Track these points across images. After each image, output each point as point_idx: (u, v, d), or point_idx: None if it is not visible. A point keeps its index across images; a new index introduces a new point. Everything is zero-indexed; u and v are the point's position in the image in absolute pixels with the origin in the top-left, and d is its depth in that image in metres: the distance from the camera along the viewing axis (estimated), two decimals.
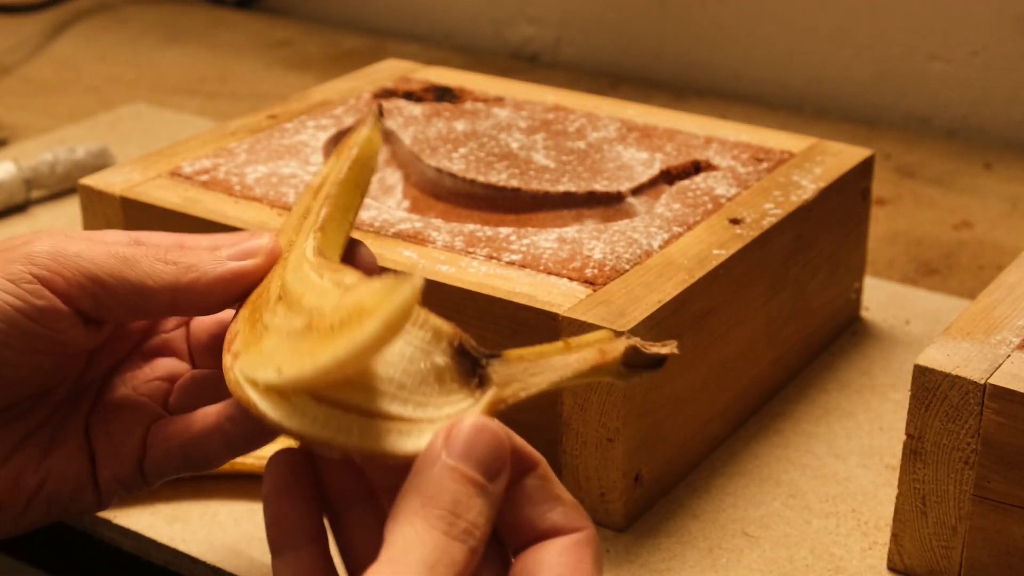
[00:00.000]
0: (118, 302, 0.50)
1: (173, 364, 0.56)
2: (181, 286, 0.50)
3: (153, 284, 0.50)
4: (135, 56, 1.40)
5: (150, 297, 0.50)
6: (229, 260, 0.51)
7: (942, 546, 0.62)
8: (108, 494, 0.54)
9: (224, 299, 0.51)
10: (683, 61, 1.32)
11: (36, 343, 0.49)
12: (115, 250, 0.51)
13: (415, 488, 0.42)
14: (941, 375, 0.60)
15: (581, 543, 0.44)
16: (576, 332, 0.64)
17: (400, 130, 0.86)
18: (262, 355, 0.46)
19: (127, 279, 0.50)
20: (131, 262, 0.50)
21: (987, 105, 1.19)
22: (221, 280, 0.51)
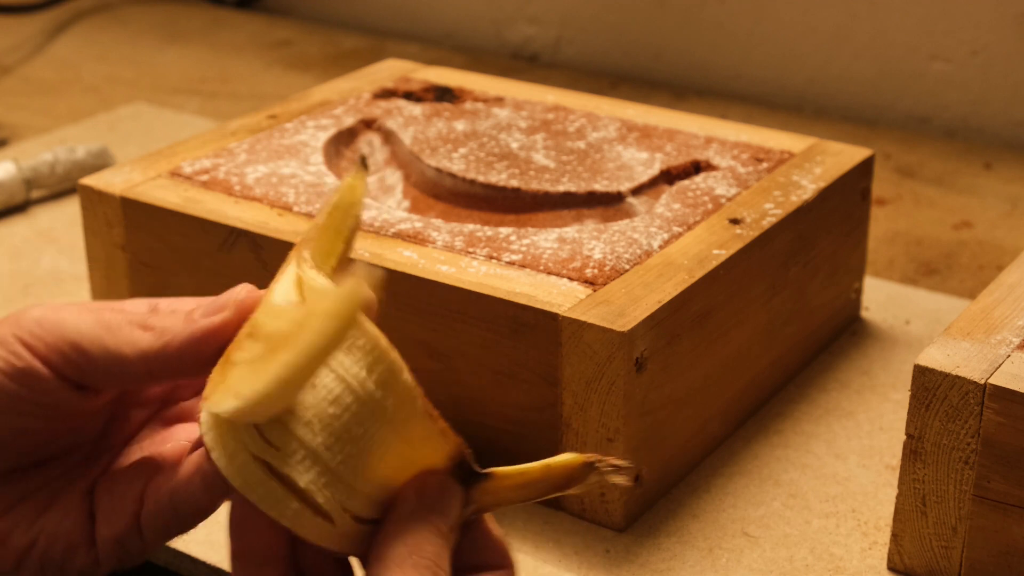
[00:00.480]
0: (97, 368, 0.50)
1: (192, 429, 0.56)
2: (154, 353, 0.50)
3: (128, 352, 0.50)
4: (135, 56, 1.40)
5: (127, 364, 0.50)
6: (201, 319, 0.51)
7: (942, 546, 0.62)
8: (106, 556, 0.53)
9: (198, 360, 0.51)
10: (683, 61, 1.32)
11: (20, 405, 0.50)
12: (101, 317, 0.51)
13: (397, 535, 0.45)
14: (941, 375, 0.60)
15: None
16: (576, 332, 0.64)
17: (400, 130, 0.86)
18: (226, 389, 0.46)
19: (106, 346, 0.50)
20: (112, 329, 0.50)
21: (987, 105, 1.19)
22: (191, 341, 0.50)
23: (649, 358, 0.65)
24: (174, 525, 0.52)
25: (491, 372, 0.68)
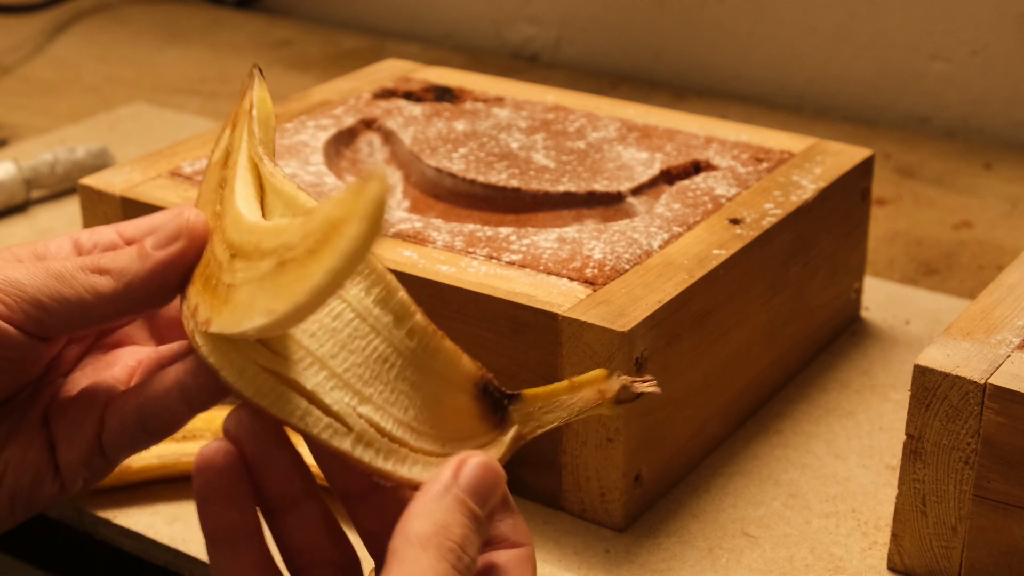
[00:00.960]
0: (62, 320, 0.51)
1: (135, 351, 0.56)
2: (117, 295, 0.50)
3: (91, 299, 0.50)
4: (135, 56, 1.40)
5: (91, 310, 0.51)
6: (155, 251, 0.51)
7: (942, 546, 0.62)
8: (71, 479, 0.53)
9: (163, 293, 0.51)
10: (683, 61, 1.32)
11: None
12: (51, 268, 0.51)
13: (427, 513, 0.44)
14: (941, 375, 0.60)
15: (529, 558, 0.47)
16: (576, 332, 0.64)
17: (400, 130, 0.86)
18: (239, 309, 0.46)
19: (65, 298, 0.50)
20: (67, 279, 0.50)
21: (987, 105, 1.19)
22: (152, 276, 0.50)
23: (649, 358, 0.65)
24: (141, 440, 0.52)
25: (491, 372, 0.68)
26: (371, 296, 0.47)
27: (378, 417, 0.46)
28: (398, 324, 0.47)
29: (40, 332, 0.51)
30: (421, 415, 0.47)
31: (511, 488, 0.70)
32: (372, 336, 0.47)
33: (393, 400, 0.47)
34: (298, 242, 0.44)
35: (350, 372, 0.46)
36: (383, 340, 0.47)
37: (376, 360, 0.47)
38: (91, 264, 0.51)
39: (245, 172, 0.52)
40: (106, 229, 0.55)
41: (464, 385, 0.48)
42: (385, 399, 0.47)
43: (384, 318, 0.47)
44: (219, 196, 0.52)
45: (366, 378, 0.46)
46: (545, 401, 0.49)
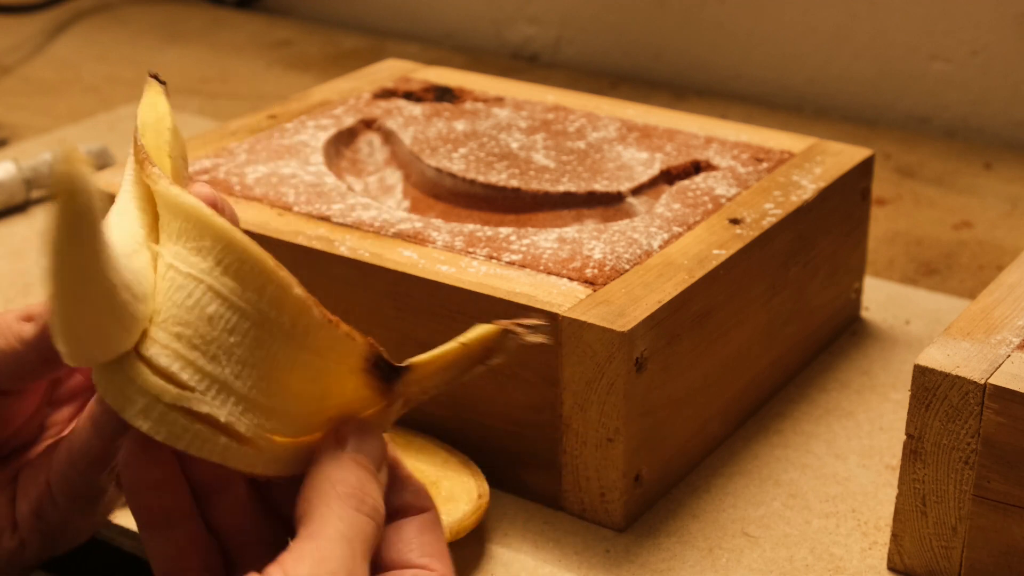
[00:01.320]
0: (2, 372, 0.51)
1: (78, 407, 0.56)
2: (44, 341, 0.50)
3: (19, 346, 0.51)
4: (135, 56, 1.40)
5: (20, 359, 0.51)
6: None
7: (942, 546, 0.62)
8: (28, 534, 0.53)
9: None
10: (683, 61, 1.32)
11: None
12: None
13: (323, 475, 0.46)
14: (941, 375, 0.60)
15: (433, 522, 0.49)
16: (576, 332, 0.64)
17: (400, 130, 0.86)
18: None
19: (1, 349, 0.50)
20: (2, 330, 0.51)
21: (987, 105, 1.19)
22: None
23: (649, 358, 0.65)
24: (79, 482, 0.52)
25: (491, 372, 0.68)
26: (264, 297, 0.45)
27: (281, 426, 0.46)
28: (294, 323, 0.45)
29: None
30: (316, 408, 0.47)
31: (510, 487, 0.70)
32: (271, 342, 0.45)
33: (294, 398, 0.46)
34: None
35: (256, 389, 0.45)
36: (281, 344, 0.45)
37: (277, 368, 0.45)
38: (21, 312, 0.51)
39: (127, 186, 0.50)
40: None
41: (355, 360, 0.47)
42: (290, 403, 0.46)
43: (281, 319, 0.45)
44: None
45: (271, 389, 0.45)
46: (436, 365, 0.48)
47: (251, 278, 0.45)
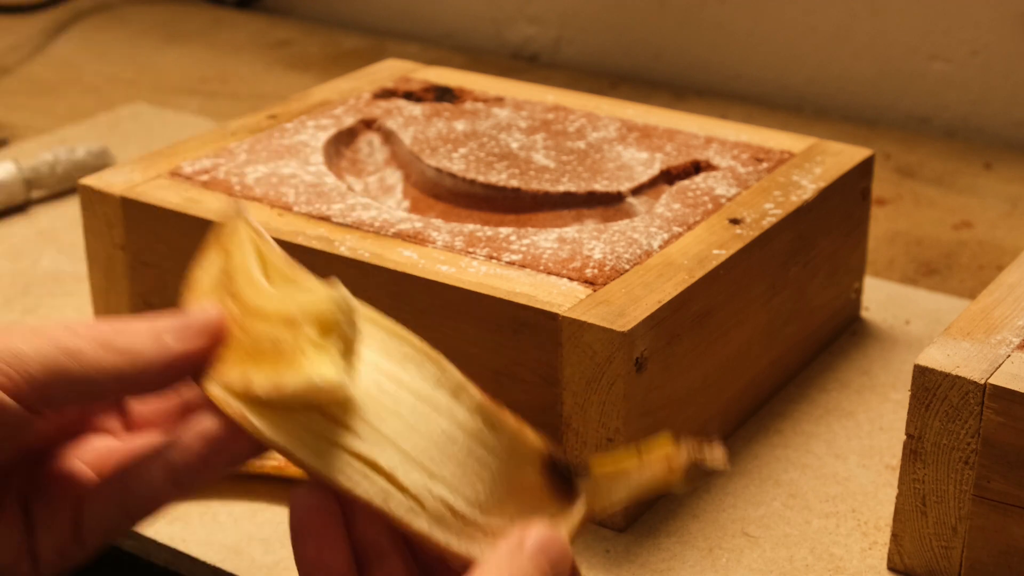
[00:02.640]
0: (64, 394, 0.50)
1: (104, 440, 0.56)
2: (127, 377, 0.50)
3: (98, 376, 0.50)
4: (135, 56, 1.40)
5: (96, 388, 0.50)
6: (174, 343, 0.51)
7: (942, 546, 0.62)
8: (47, 567, 0.53)
9: (168, 383, 0.51)
10: (683, 61, 1.32)
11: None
12: (59, 342, 0.50)
13: (497, 568, 0.45)
14: (941, 375, 0.60)
15: None
16: (576, 332, 0.64)
17: (400, 130, 0.86)
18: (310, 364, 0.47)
19: (72, 374, 0.50)
20: (75, 354, 0.50)
21: (987, 105, 1.19)
22: (165, 366, 0.51)
23: (649, 358, 0.65)
24: (122, 522, 0.52)
25: (491, 372, 0.68)
26: (427, 380, 0.48)
27: (451, 497, 0.47)
28: (457, 404, 0.48)
29: (40, 406, 0.50)
30: (491, 492, 0.48)
31: None
32: (436, 417, 0.48)
33: (463, 480, 0.47)
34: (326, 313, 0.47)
35: (421, 454, 0.47)
36: (447, 420, 0.48)
37: (443, 440, 0.47)
38: (103, 339, 0.50)
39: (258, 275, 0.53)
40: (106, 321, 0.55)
41: (531, 459, 0.48)
42: (456, 479, 0.47)
43: (443, 399, 0.48)
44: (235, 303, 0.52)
45: (436, 459, 0.47)
46: (613, 472, 0.49)
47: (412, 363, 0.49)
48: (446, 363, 0.49)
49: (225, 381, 0.49)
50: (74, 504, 0.53)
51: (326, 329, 0.46)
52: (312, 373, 0.45)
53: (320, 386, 0.45)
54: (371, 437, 0.47)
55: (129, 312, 0.80)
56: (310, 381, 0.45)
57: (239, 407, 0.48)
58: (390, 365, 0.49)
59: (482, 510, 0.47)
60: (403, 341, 0.50)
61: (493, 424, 0.48)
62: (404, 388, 0.48)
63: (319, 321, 0.46)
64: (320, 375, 0.45)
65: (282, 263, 0.52)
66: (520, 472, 0.48)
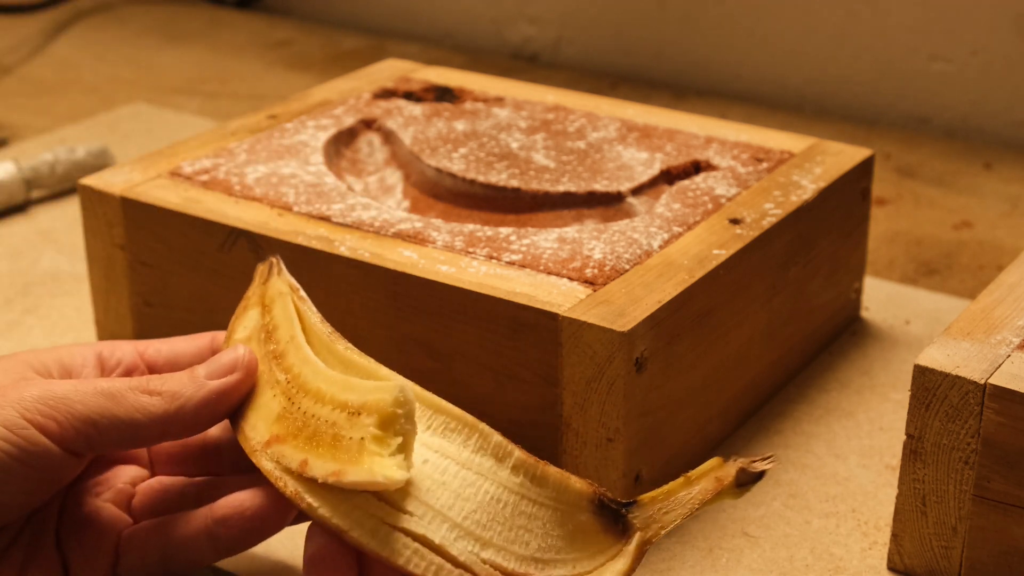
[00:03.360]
0: (109, 439, 0.52)
1: (134, 471, 0.57)
2: (168, 416, 0.52)
3: (142, 419, 0.52)
4: (135, 56, 1.40)
5: (140, 430, 0.52)
6: (208, 380, 0.52)
7: (942, 546, 0.62)
8: None
9: (209, 420, 0.53)
10: (683, 61, 1.32)
11: (27, 484, 0.51)
12: (100, 387, 0.52)
13: None
14: (941, 375, 0.60)
15: None
16: (576, 332, 0.64)
17: (400, 130, 0.86)
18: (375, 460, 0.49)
19: (117, 416, 0.51)
20: (117, 398, 0.51)
21: (987, 105, 1.19)
22: (206, 403, 0.52)
23: (649, 358, 0.65)
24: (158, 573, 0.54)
25: (491, 372, 0.68)
26: (468, 447, 0.50)
27: (500, 559, 0.49)
28: (500, 465, 0.50)
29: (84, 451, 0.51)
30: (544, 544, 0.50)
31: None
32: (480, 481, 0.50)
33: (513, 538, 0.49)
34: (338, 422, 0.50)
35: (468, 520, 0.49)
36: (491, 483, 0.50)
37: (490, 503, 0.49)
38: (141, 385, 0.52)
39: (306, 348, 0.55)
40: (126, 347, 0.57)
41: (580, 503, 0.50)
42: (505, 538, 0.49)
43: (486, 463, 0.50)
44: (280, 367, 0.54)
45: (484, 522, 0.49)
46: (663, 502, 0.50)
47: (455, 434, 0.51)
48: (485, 428, 0.51)
49: (278, 457, 0.51)
50: (111, 547, 0.54)
51: (386, 424, 0.48)
52: (375, 470, 0.47)
53: (383, 484, 0.47)
54: (421, 512, 0.49)
55: (129, 312, 0.80)
56: (373, 478, 0.47)
57: (295, 487, 0.50)
58: (434, 438, 0.51)
59: (537, 563, 0.49)
60: (443, 413, 0.52)
61: (536, 477, 0.50)
62: (449, 458, 0.50)
63: (380, 415, 0.48)
64: (384, 474, 0.47)
65: (320, 326, 0.55)
66: (572, 518, 0.50)
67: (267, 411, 0.52)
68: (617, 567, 0.50)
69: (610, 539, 0.50)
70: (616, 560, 0.50)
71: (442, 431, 0.51)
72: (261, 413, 0.52)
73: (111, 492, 0.56)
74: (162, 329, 0.79)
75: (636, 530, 0.50)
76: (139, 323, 0.80)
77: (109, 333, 0.81)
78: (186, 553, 0.53)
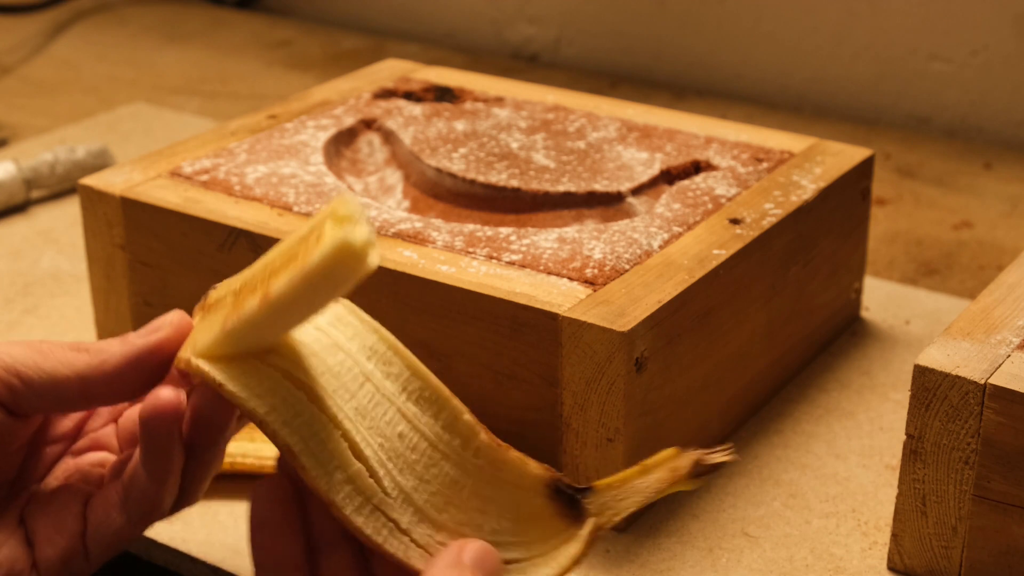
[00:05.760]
0: (34, 392, 0.52)
1: (104, 456, 0.57)
2: (91, 371, 0.52)
3: (65, 371, 0.51)
4: (135, 56, 1.40)
5: (63, 384, 0.52)
6: (137, 340, 0.52)
7: (942, 546, 0.62)
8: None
9: (135, 381, 0.52)
10: (683, 61, 1.32)
11: None
12: (32, 343, 0.52)
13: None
14: (941, 375, 0.60)
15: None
16: (576, 332, 0.64)
17: (400, 130, 0.86)
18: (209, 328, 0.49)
19: (41, 368, 0.51)
20: (45, 353, 0.52)
21: (987, 105, 1.19)
22: (128, 359, 0.52)
23: (649, 358, 0.65)
24: (125, 528, 0.53)
25: (491, 372, 0.68)
26: (439, 421, 0.50)
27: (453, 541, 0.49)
28: (465, 446, 0.50)
29: (13, 404, 0.51)
30: (498, 527, 0.50)
31: None
32: (443, 462, 0.50)
33: (465, 520, 0.49)
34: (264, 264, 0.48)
35: (428, 503, 0.49)
36: (453, 464, 0.50)
37: (448, 485, 0.49)
38: (72, 344, 0.52)
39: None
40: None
41: (536, 488, 0.50)
42: (458, 521, 0.49)
43: (453, 441, 0.50)
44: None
45: (440, 505, 0.49)
46: (619, 489, 0.50)
47: (428, 404, 0.50)
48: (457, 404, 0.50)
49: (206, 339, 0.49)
50: (78, 514, 0.54)
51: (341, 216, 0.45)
52: (338, 237, 0.44)
53: (353, 243, 0.44)
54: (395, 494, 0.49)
55: (129, 312, 0.80)
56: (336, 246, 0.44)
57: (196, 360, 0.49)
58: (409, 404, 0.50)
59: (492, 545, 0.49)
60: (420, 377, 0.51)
61: (496, 462, 0.50)
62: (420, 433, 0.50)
63: (331, 212, 0.45)
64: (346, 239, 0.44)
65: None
66: (528, 502, 0.50)
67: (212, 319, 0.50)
68: (570, 551, 0.50)
69: (564, 523, 0.50)
70: (569, 544, 0.50)
71: (416, 399, 0.50)
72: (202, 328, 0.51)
73: (79, 473, 0.56)
74: None
75: (590, 515, 0.50)
76: (139, 323, 0.80)
77: (109, 333, 0.81)
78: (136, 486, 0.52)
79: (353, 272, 0.45)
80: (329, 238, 0.44)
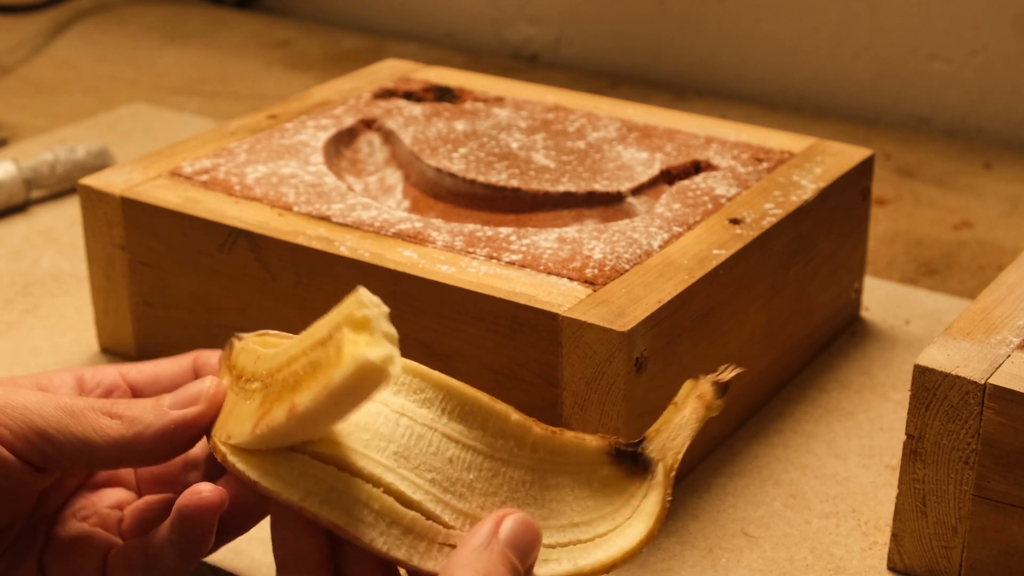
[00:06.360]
0: (64, 455, 0.51)
1: (121, 494, 0.56)
2: (125, 441, 0.51)
3: (98, 439, 0.51)
4: (135, 56, 1.40)
5: (96, 451, 0.51)
6: (171, 409, 0.52)
7: (942, 546, 0.62)
8: None
9: (169, 450, 0.52)
10: (683, 61, 1.32)
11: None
12: (62, 402, 0.51)
13: (470, 564, 0.46)
14: (941, 375, 0.60)
15: None
16: (576, 332, 0.64)
17: (400, 130, 0.86)
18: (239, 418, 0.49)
19: (73, 433, 0.51)
20: (77, 416, 0.51)
21: (987, 105, 1.19)
22: (164, 432, 0.51)
23: (649, 358, 0.65)
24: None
25: (491, 372, 0.68)
26: (489, 431, 0.50)
27: (545, 537, 0.49)
28: (521, 445, 0.50)
29: (40, 463, 0.51)
30: (578, 507, 0.50)
31: None
32: (505, 469, 0.50)
33: (547, 514, 0.50)
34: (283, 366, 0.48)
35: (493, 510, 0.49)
36: (515, 467, 0.50)
37: (516, 489, 0.50)
38: (103, 407, 0.51)
39: None
40: (109, 369, 0.56)
41: (599, 459, 0.51)
42: (542, 516, 0.50)
43: (508, 445, 0.50)
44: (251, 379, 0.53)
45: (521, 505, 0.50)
46: (668, 430, 0.52)
47: (472, 417, 0.50)
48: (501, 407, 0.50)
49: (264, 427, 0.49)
50: (98, 569, 0.53)
51: (359, 324, 0.46)
52: (358, 354, 0.44)
53: (373, 361, 0.44)
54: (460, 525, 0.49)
55: (129, 312, 0.80)
56: (357, 364, 0.44)
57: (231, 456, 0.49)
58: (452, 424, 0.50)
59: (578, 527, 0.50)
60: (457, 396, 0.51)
61: (554, 450, 0.51)
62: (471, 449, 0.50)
63: (349, 320, 0.46)
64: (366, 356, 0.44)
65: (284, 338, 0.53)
66: (595, 475, 0.51)
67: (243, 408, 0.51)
68: (653, 500, 0.50)
69: (638, 481, 0.51)
70: (650, 496, 0.51)
71: (458, 416, 0.50)
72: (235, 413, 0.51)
73: (97, 516, 0.55)
74: (162, 329, 0.79)
75: (656, 462, 0.51)
76: (139, 323, 0.80)
77: (109, 333, 0.81)
78: (163, 561, 0.52)
79: (375, 384, 0.45)
80: (349, 357, 0.45)
